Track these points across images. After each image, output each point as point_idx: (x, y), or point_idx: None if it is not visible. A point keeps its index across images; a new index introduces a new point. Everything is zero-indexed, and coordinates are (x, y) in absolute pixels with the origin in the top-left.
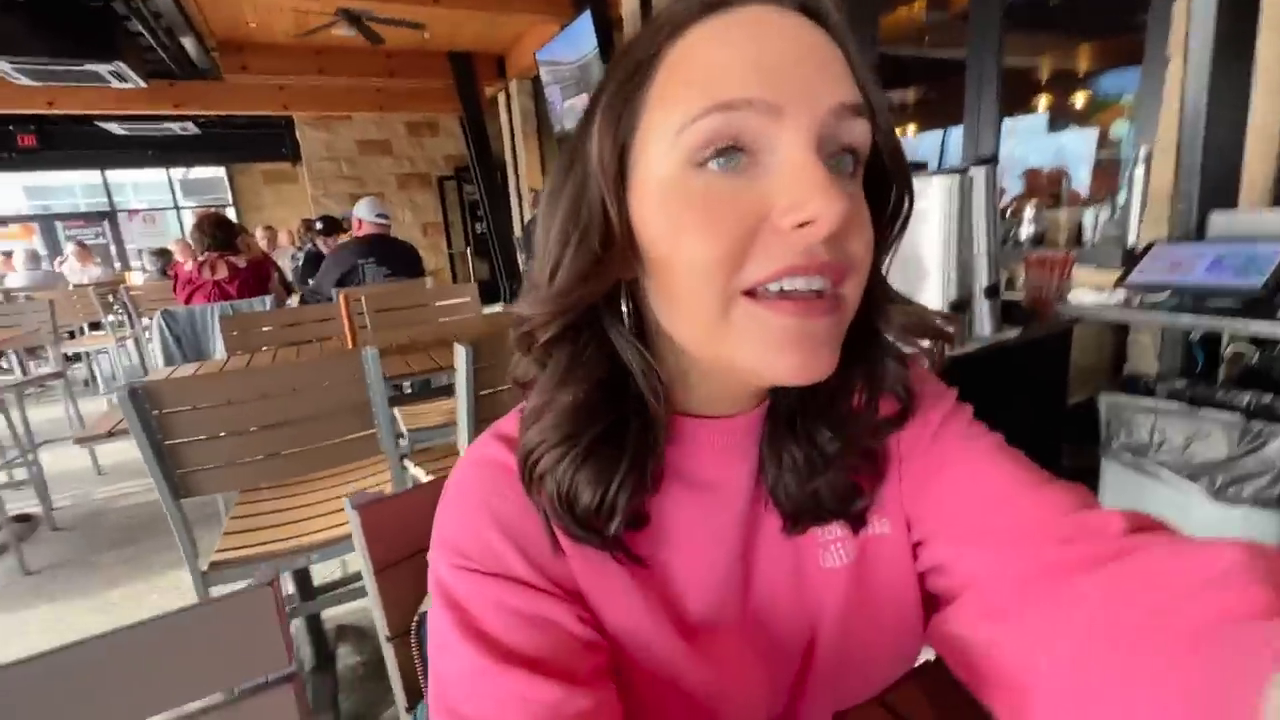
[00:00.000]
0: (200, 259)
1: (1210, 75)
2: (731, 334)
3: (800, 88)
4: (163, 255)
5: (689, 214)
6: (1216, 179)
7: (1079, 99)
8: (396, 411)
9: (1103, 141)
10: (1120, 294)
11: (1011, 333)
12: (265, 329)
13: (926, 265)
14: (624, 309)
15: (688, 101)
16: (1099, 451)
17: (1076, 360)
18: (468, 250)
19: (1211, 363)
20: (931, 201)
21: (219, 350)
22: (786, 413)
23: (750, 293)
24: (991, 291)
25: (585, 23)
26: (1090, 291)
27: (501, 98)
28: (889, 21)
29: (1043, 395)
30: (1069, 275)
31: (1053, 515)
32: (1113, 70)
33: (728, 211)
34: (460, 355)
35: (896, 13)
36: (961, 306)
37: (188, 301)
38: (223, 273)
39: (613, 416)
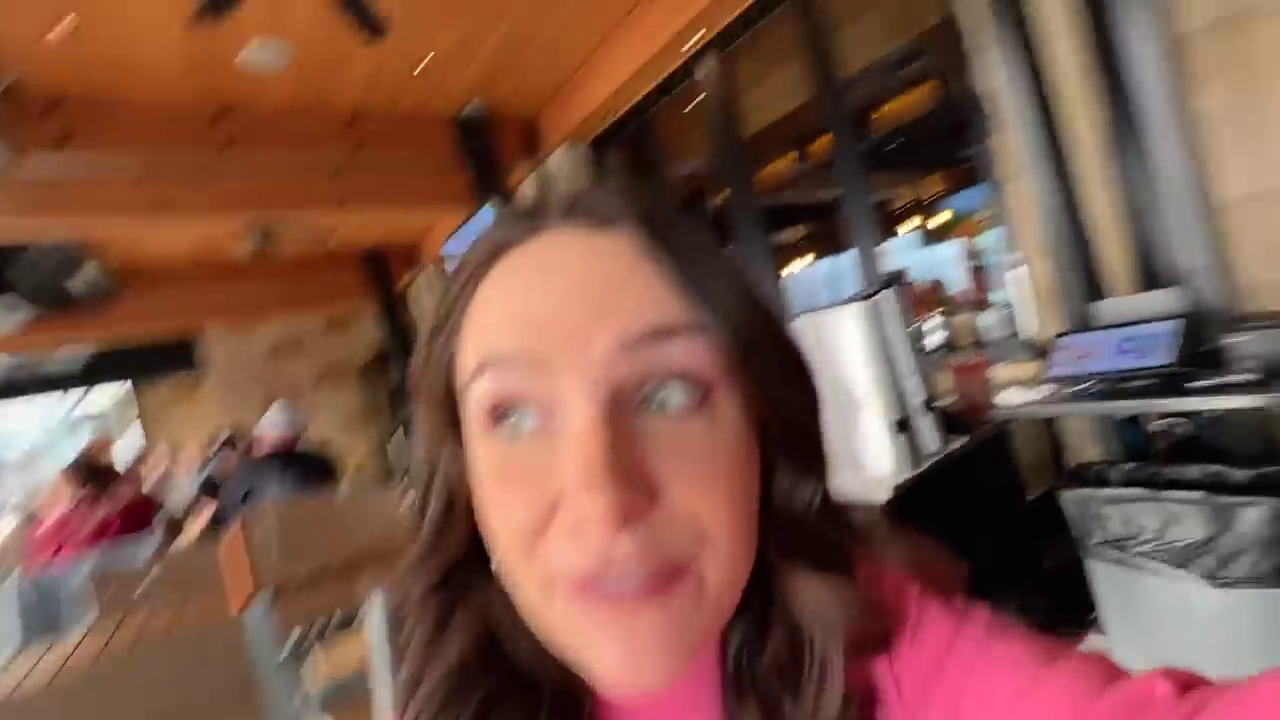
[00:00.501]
0: (69, 509)
1: (1051, 194)
2: (554, 621)
3: (569, 333)
4: (26, 511)
5: (484, 484)
6: (1087, 274)
7: (940, 218)
8: (317, 655)
9: (970, 251)
10: (1045, 389)
11: (958, 442)
12: (147, 578)
13: (857, 395)
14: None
15: (467, 360)
16: (1077, 550)
17: (1021, 457)
18: (393, 435)
19: (1149, 440)
20: (847, 330)
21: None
22: (734, 667)
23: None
24: (929, 404)
25: (487, 215)
26: (1016, 390)
27: (416, 286)
28: (763, 177)
29: (1000, 499)
30: (991, 377)
31: (1091, 699)
32: (961, 192)
33: (519, 486)
34: (375, 607)
35: (769, 167)
36: (905, 425)
37: (54, 555)
38: (96, 520)
39: (508, 669)
